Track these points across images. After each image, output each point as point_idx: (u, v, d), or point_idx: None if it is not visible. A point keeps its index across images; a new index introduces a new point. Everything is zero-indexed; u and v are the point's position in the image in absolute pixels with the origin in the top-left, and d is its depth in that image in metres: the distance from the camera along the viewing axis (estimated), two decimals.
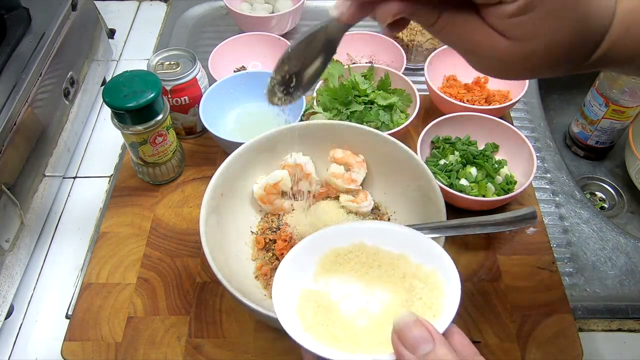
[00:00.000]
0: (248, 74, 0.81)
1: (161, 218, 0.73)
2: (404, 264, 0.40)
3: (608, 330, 0.65)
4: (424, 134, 0.73)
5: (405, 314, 0.32)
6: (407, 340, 0.30)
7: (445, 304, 0.36)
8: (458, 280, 0.36)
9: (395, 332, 0.31)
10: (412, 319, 0.31)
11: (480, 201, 0.67)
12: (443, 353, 0.30)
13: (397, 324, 0.31)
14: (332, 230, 0.43)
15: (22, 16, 0.77)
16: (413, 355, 0.30)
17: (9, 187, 0.66)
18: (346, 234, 0.43)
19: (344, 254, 0.42)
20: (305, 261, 0.42)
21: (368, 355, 0.33)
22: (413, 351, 0.30)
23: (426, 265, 0.39)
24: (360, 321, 0.37)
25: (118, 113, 0.66)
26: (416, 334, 0.30)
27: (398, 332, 0.31)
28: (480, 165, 0.72)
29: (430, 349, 0.30)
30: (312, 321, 0.37)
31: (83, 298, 0.65)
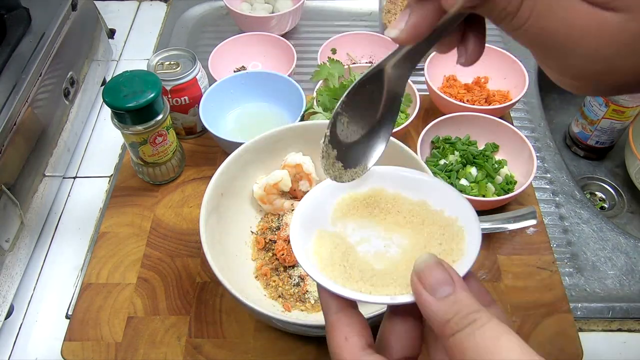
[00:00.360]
0: (248, 74, 0.81)
1: (161, 218, 0.73)
2: (424, 211, 0.39)
3: (608, 330, 0.65)
4: (424, 134, 0.73)
5: (427, 256, 0.31)
6: (426, 282, 0.30)
7: (464, 250, 0.35)
8: (479, 227, 0.35)
9: (415, 273, 0.31)
10: (434, 261, 0.31)
11: (480, 201, 0.67)
12: (464, 297, 0.29)
13: (417, 265, 0.31)
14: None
15: (22, 16, 0.77)
16: (432, 296, 0.29)
17: (9, 187, 0.66)
18: (366, 178, 0.41)
19: (362, 199, 0.41)
20: (322, 204, 0.40)
21: (386, 296, 0.33)
22: (433, 293, 0.29)
23: (447, 212, 0.38)
24: (378, 264, 0.36)
25: (118, 113, 0.66)
26: (437, 276, 0.30)
27: (418, 273, 0.30)
28: (480, 165, 0.72)
29: (450, 291, 0.29)
30: (329, 261, 0.36)
31: (83, 298, 0.65)
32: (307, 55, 0.98)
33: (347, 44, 0.94)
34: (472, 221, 0.36)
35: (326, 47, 0.91)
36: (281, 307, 0.60)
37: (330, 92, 0.78)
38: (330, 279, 0.35)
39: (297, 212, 0.39)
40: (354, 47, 0.94)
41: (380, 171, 0.42)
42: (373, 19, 1.07)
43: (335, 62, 0.82)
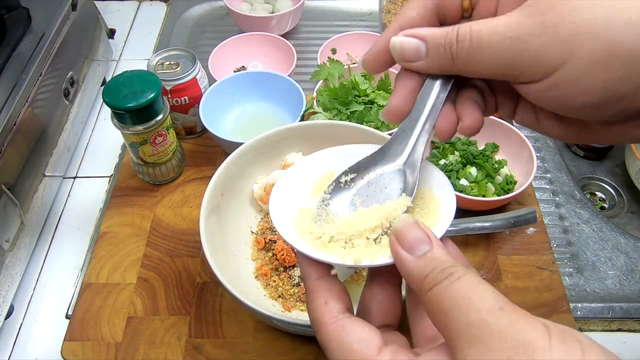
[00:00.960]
0: (248, 74, 0.81)
1: (161, 218, 0.73)
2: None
3: (608, 330, 0.65)
4: None
5: (404, 216, 0.33)
6: (405, 241, 0.31)
7: (441, 215, 0.36)
8: (453, 195, 0.37)
9: (394, 234, 0.32)
10: (411, 221, 0.32)
11: (480, 201, 0.67)
12: (440, 254, 0.30)
13: (395, 225, 0.32)
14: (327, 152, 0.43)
15: (22, 16, 0.77)
16: (410, 255, 0.30)
17: (9, 187, 0.66)
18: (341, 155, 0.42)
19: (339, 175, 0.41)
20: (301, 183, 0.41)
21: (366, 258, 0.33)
22: (411, 251, 0.30)
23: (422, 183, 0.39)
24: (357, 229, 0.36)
25: (118, 113, 0.66)
26: (414, 235, 0.31)
27: (396, 234, 0.31)
28: (480, 165, 0.72)
29: (428, 249, 0.30)
30: (307, 229, 0.37)
31: (83, 298, 0.65)
32: (307, 55, 0.98)
33: (347, 44, 0.94)
34: (446, 187, 0.37)
35: (326, 47, 0.91)
36: (281, 307, 0.60)
37: (330, 92, 0.78)
38: (309, 245, 0.35)
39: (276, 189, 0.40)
40: (354, 47, 0.94)
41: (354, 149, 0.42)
42: (373, 19, 1.07)
43: (335, 62, 0.82)
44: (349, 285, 0.62)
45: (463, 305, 0.27)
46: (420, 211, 0.37)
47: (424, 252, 0.30)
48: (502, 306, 0.27)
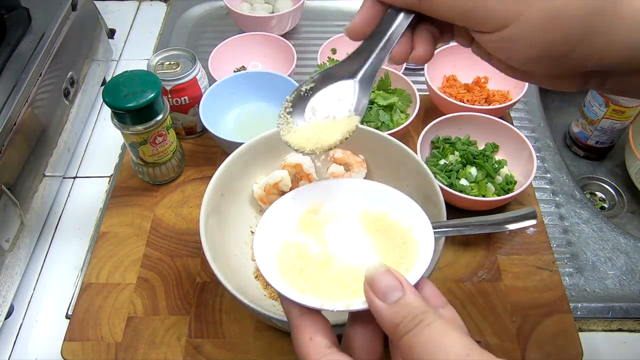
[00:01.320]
0: (248, 74, 0.81)
1: (161, 218, 0.73)
2: (384, 221, 0.42)
3: (608, 330, 0.65)
4: (424, 134, 0.73)
5: (377, 264, 0.34)
6: (378, 289, 0.32)
7: (418, 258, 0.37)
8: (432, 237, 0.38)
9: (367, 282, 0.33)
10: (383, 269, 0.33)
11: (480, 201, 0.67)
12: (412, 300, 0.31)
13: (368, 273, 0.33)
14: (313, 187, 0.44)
15: (22, 16, 0.77)
16: (384, 302, 0.31)
17: (9, 187, 0.66)
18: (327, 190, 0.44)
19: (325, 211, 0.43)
20: (286, 216, 0.43)
21: (342, 302, 0.35)
22: (384, 299, 0.31)
23: (403, 222, 0.41)
24: (337, 272, 0.38)
25: (118, 113, 0.66)
26: (386, 282, 0.32)
27: (369, 281, 0.33)
28: (480, 165, 0.72)
29: (400, 296, 0.31)
30: (289, 269, 0.39)
31: (83, 298, 0.65)
32: (307, 55, 0.98)
33: (347, 44, 0.93)
34: (426, 229, 0.39)
35: (326, 47, 0.91)
36: (281, 307, 0.60)
37: None
38: (291, 286, 0.36)
39: (262, 223, 0.41)
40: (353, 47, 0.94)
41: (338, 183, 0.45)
42: None
43: (335, 62, 0.82)
44: None
45: (433, 352, 0.28)
46: (400, 251, 0.39)
47: (396, 298, 0.31)
48: (469, 353, 0.28)
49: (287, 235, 0.41)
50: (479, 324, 0.61)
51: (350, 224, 0.42)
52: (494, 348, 0.59)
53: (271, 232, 0.41)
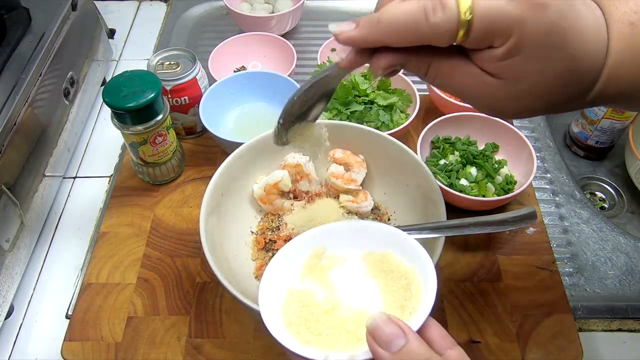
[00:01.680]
0: (248, 74, 0.81)
1: (161, 218, 0.73)
2: (387, 262, 0.42)
3: (608, 330, 0.65)
4: (424, 134, 0.73)
5: (377, 314, 0.34)
6: (380, 339, 0.32)
7: (422, 299, 0.37)
8: (435, 278, 0.38)
9: (369, 333, 0.33)
10: (384, 319, 0.33)
11: (480, 201, 0.67)
12: (416, 346, 0.31)
13: (369, 325, 0.33)
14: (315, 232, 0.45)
15: (22, 16, 0.77)
16: (387, 352, 0.32)
17: (9, 187, 0.66)
18: (328, 233, 0.44)
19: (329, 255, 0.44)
20: (290, 263, 0.43)
21: (346, 353, 0.35)
22: (387, 348, 0.32)
23: (405, 263, 0.41)
24: (343, 318, 0.38)
25: (118, 113, 0.66)
26: (388, 332, 0.32)
27: (371, 332, 0.33)
28: (480, 165, 0.72)
29: (403, 343, 0.31)
30: (294, 319, 0.39)
31: (83, 298, 0.65)
32: (307, 55, 0.98)
33: None
34: (428, 270, 0.39)
35: (326, 47, 0.91)
36: None
37: None
38: (295, 337, 0.37)
39: (267, 273, 0.42)
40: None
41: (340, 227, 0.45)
42: None
43: None
44: None
45: None
46: (404, 293, 0.39)
47: (399, 346, 0.31)
48: None
49: (292, 283, 0.42)
50: (479, 324, 0.61)
51: (354, 266, 0.43)
52: (493, 348, 0.59)
53: (276, 281, 0.42)
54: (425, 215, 0.61)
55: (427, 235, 0.54)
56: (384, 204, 0.69)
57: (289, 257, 0.43)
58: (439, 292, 0.63)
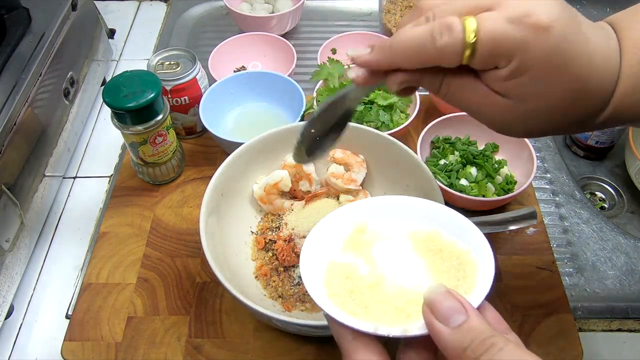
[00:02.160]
0: (248, 74, 0.81)
1: (161, 218, 0.73)
2: (437, 241, 0.39)
3: (608, 330, 0.65)
4: (424, 134, 0.73)
5: (436, 285, 0.32)
6: (439, 312, 0.30)
7: (478, 281, 0.35)
8: (492, 258, 0.36)
9: (427, 304, 0.31)
10: (444, 290, 0.31)
11: (480, 201, 0.67)
12: (478, 323, 0.29)
13: (428, 295, 0.31)
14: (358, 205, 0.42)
15: (22, 16, 0.77)
16: (446, 326, 0.29)
17: (9, 187, 0.66)
18: (372, 208, 0.42)
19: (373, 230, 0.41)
20: (332, 236, 0.41)
21: (397, 327, 0.32)
22: (446, 322, 0.29)
23: (459, 244, 0.39)
24: (389, 294, 0.36)
25: (118, 113, 0.66)
26: (448, 305, 0.30)
27: (429, 304, 0.31)
28: (480, 165, 0.72)
29: (464, 319, 0.29)
30: (338, 290, 0.36)
31: (83, 298, 0.65)
32: (307, 55, 0.98)
33: (347, 44, 0.94)
34: (485, 250, 0.37)
35: (326, 47, 0.91)
36: (281, 307, 0.60)
37: (330, 92, 0.78)
38: (341, 309, 0.34)
39: (307, 243, 0.40)
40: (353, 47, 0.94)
41: (388, 201, 0.43)
42: (373, 19, 1.07)
43: (335, 62, 0.82)
44: None
45: None
46: (457, 273, 0.36)
47: (459, 322, 0.29)
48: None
49: (334, 255, 0.40)
50: None
51: (399, 244, 0.40)
52: None
53: (317, 252, 0.39)
54: None
55: None
56: None
57: (330, 229, 0.41)
58: None
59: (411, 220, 0.41)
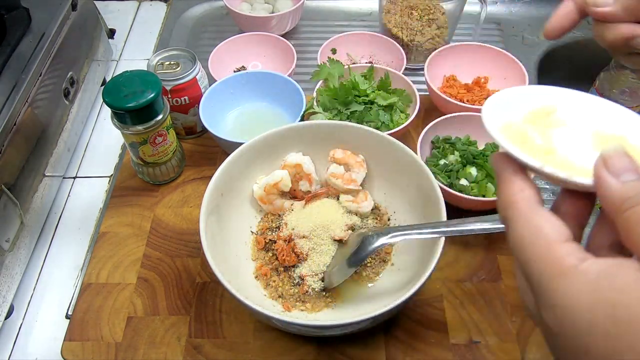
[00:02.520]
0: (248, 74, 0.81)
1: (161, 218, 0.73)
2: (620, 142, 0.38)
3: None
4: (424, 134, 0.73)
5: (616, 144, 0.32)
6: (612, 166, 0.30)
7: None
8: None
9: (602, 157, 0.31)
10: (622, 150, 0.31)
11: (481, 201, 0.67)
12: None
13: (605, 150, 0.31)
14: (552, 90, 0.42)
15: (22, 16, 0.77)
16: (616, 180, 0.30)
17: (9, 187, 0.66)
18: (564, 98, 0.42)
19: (556, 117, 0.41)
20: (520, 102, 0.41)
21: (564, 171, 0.33)
22: (616, 176, 0.30)
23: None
24: (564, 149, 0.36)
25: (118, 113, 0.66)
26: (624, 162, 0.30)
27: (604, 157, 0.31)
28: (480, 166, 0.72)
29: (635, 178, 0.29)
30: (512, 137, 0.37)
31: (83, 298, 0.65)
32: (307, 55, 0.98)
33: (347, 44, 0.94)
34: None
35: (326, 47, 0.91)
36: (281, 307, 0.60)
37: (330, 92, 0.78)
38: (512, 143, 0.35)
39: (494, 97, 0.40)
40: (354, 47, 0.94)
41: (587, 98, 0.42)
42: (373, 19, 1.07)
43: (335, 62, 0.82)
44: (349, 285, 0.62)
45: None
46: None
47: (629, 179, 0.29)
48: None
49: (514, 118, 0.40)
50: (479, 324, 0.61)
51: (582, 136, 0.39)
52: (493, 348, 0.59)
53: (500, 106, 0.39)
54: (425, 215, 0.61)
55: (427, 235, 0.54)
56: (384, 204, 0.69)
57: (521, 96, 0.41)
58: (439, 292, 0.63)
59: (601, 120, 0.41)
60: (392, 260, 0.64)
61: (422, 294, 0.64)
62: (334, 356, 0.59)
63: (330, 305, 0.60)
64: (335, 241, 0.63)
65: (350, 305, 0.60)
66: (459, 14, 0.91)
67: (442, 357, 0.59)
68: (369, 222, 0.68)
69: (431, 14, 0.89)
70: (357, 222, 0.66)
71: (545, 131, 0.39)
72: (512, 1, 1.10)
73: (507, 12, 1.09)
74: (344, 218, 0.66)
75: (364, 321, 0.49)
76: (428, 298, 0.64)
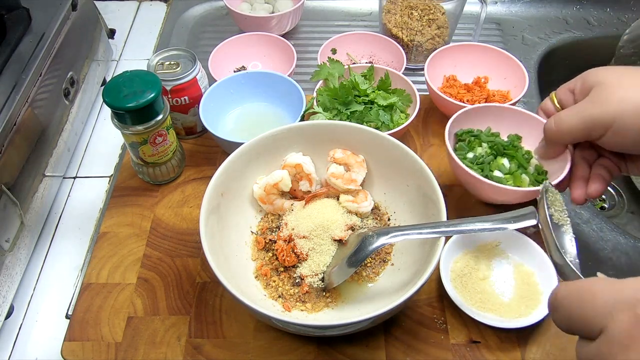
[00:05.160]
0: (248, 74, 0.81)
1: (161, 218, 0.73)
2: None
3: None
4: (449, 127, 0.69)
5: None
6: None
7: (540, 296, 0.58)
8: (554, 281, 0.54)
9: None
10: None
11: (522, 191, 0.64)
12: None
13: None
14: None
15: (22, 16, 0.77)
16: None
17: (9, 187, 0.66)
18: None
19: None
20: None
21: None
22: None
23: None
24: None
25: (118, 113, 0.66)
26: None
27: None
28: (512, 156, 0.69)
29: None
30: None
31: (83, 298, 0.65)
32: (307, 55, 0.98)
33: (347, 44, 0.94)
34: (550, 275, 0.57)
35: (326, 47, 0.91)
36: (281, 307, 0.60)
37: (330, 92, 0.78)
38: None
39: None
40: (354, 47, 0.94)
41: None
42: (373, 19, 1.07)
43: (335, 62, 0.82)
44: (349, 285, 0.62)
45: None
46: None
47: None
48: None
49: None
50: (479, 324, 0.61)
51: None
52: (493, 348, 0.59)
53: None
54: (425, 215, 0.61)
55: (427, 235, 0.54)
56: (384, 204, 0.69)
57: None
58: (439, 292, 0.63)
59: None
60: (392, 260, 0.64)
61: (422, 294, 0.64)
62: (334, 356, 0.59)
63: (330, 305, 0.60)
64: (335, 241, 0.63)
65: (350, 305, 0.60)
66: (459, 14, 0.91)
67: (442, 357, 0.59)
68: (369, 222, 0.68)
69: (431, 14, 0.89)
70: (357, 222, 0.66)
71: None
72: (512, 1, 1.10)
73: (507, 12, 1.09)
74: (344, 218, 0.66)
75: (364, 321, 0.49)
76: (428, 298, 0.64)
